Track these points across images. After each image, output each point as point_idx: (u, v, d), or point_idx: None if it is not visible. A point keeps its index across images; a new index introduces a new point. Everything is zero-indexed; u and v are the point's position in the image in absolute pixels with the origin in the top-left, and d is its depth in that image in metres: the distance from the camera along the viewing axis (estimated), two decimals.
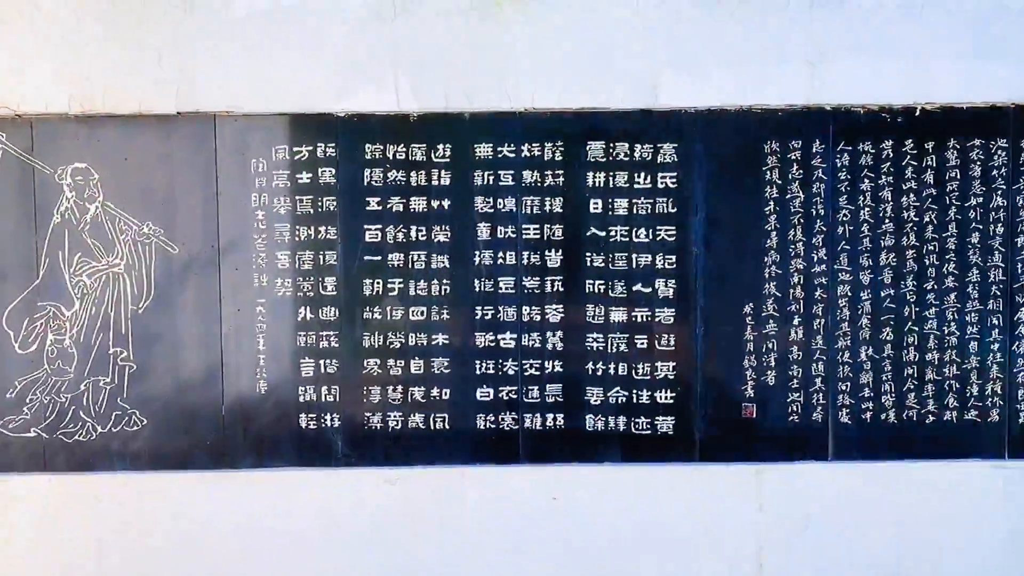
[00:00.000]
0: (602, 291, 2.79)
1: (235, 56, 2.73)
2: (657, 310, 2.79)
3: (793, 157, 2.76)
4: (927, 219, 2.78)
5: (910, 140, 2.76)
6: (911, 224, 2.78)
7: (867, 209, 2.78)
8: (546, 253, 2.79)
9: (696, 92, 2.74)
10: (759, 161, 2.76)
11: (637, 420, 2.80)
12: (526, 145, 2.76)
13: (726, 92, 2.74)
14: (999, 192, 2.77)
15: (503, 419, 2.81)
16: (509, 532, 2.81)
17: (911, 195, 2.77)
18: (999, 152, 2.76)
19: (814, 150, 2.76)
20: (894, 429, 2.81)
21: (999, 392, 2.80)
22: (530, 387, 2.80)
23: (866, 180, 2.77)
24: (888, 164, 2.77)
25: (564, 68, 2.75)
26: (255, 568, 2.80)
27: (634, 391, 2.80)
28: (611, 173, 2.77)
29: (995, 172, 2.77)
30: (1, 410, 2.76)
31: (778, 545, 2.82)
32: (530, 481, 2.80)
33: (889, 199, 2.77)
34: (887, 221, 2.78)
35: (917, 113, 2.76)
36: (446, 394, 2.80)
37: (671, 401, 2.80)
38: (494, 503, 2.80)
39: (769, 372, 2.79)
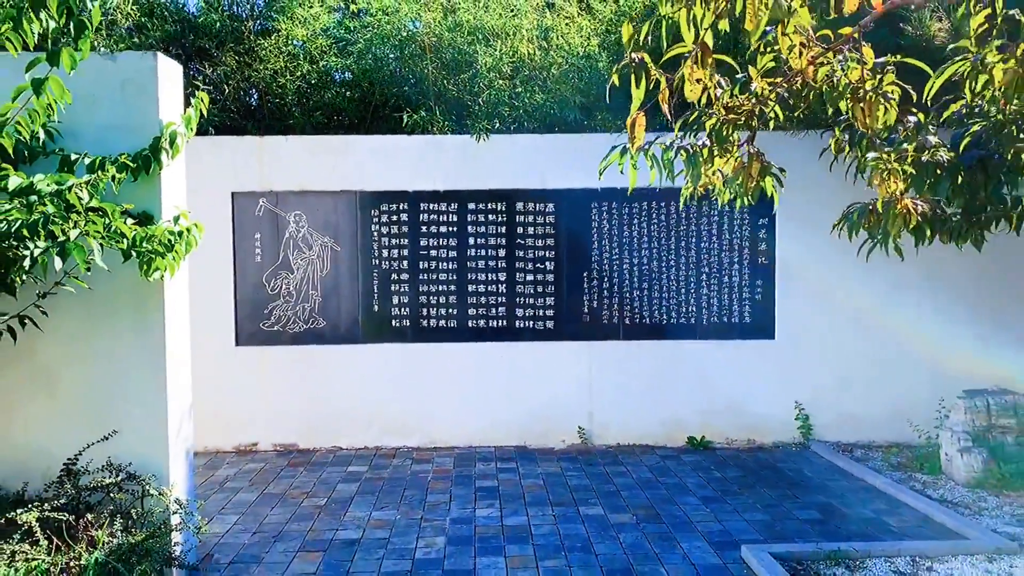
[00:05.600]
0: (522, 266, 6.45)
1: (365, 165, 6.37)
2: (546, 275, 6.46)
3: (604, 208, 6.45)
4: (654, 233, 6.47)
5: (626, 201, 6.45)
6: (647, 235, 6.47)
7: (625, 228, 6.47)
8: (499, 249, 6.45)
9: (561, 181, 6.43)
10: (588, 209, 6.44)
11: (538, 322, 6.47)
12: (490, 203, 6.43)
13: (573, 181, 6.43)
14: (681, 225, 6.47)
15: (479, 322, 6.46)
16: (482, 369, 6.46)
17: (647, 223, 6.46)
18: (672, 207, 6.46)
19: (612, 206, 6.45)
20: (649, 326, 6.49)
21: (693, 310, 6.50)
22: (491, 307, 6.46)
23: (625, 215, 6.46)
24: (639, 209, 6.46)
25: (506, 170, 6.42)
26: (371, 386, 6.42)
27: (537, 309, 6.46)
28: (526, 214, 6.44)
29: (674, 215, 6.47)
30: (263, 318, 6.39)
31: (598, 376, 6.50)
32: (492, 348, 6.46)
33: (636, 224, 6.46)
34: (641, 235, 6.47)
35: (619, 189, 6.46)
36: (455, 311, 6.45)
37: (552, 314, 6.47)
38: (476, 357, 6.46)
39: (595, 301, 6.47)
